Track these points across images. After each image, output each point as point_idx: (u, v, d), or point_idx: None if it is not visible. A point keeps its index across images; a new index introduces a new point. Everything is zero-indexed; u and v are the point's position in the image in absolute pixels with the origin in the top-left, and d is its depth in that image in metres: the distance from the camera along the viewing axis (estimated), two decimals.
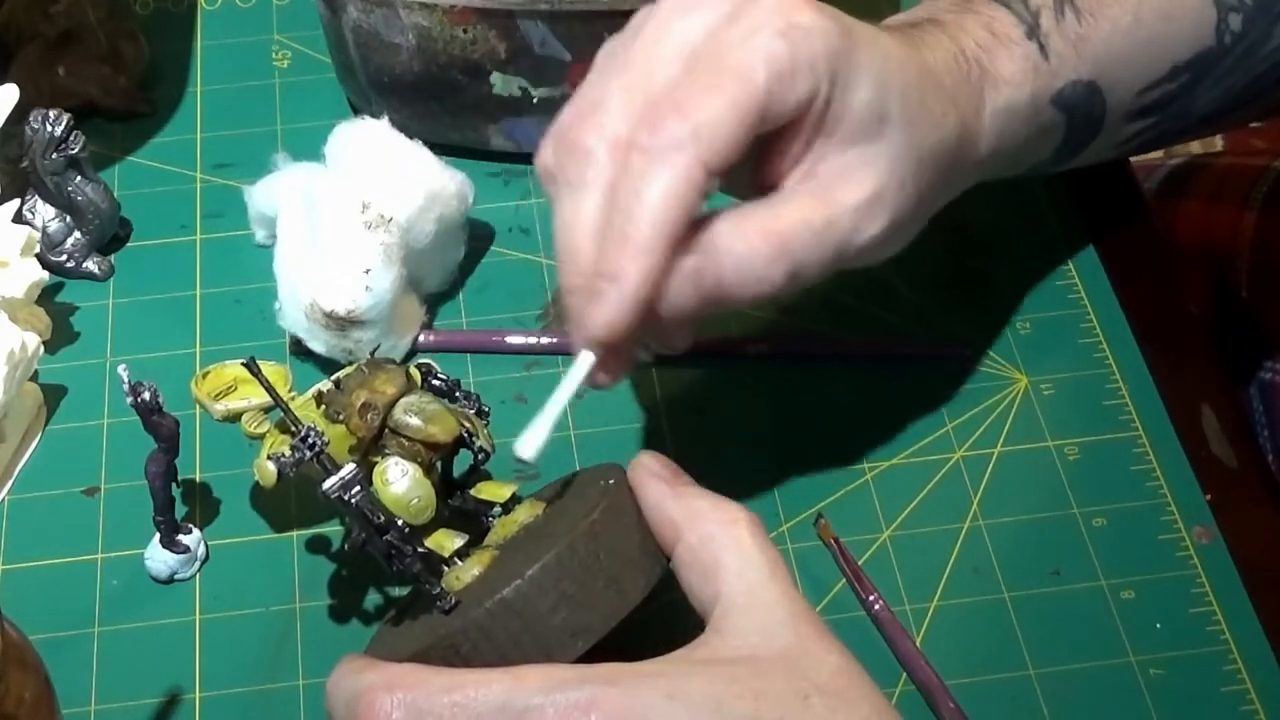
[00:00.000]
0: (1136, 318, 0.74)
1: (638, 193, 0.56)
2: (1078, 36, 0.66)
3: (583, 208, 0.57)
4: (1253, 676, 0.62)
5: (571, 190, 0.58)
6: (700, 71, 0.57)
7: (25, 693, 0.50)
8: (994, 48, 0.65)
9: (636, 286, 0.56)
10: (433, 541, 0.57)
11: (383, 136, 0.73)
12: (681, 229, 0.56)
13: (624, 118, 0.57)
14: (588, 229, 0.57)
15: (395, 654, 0.54)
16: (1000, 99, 0.65)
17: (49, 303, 0.75)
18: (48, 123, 0.73)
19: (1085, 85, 0.67)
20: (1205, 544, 0.66)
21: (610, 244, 0.56)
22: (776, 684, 0.50)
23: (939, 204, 0.65)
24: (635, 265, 0.55)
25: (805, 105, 0.58)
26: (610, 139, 0.57)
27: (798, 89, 0.57)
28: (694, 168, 0.55)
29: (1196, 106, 0.71)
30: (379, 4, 0.75)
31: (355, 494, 0.55)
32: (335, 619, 0.65)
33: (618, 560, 0.54)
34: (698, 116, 0.56)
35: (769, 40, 0.57)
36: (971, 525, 0.67)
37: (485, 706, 0.49)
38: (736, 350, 0.73)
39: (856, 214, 0.59)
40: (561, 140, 0.58)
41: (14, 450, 0.70)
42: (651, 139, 0.56)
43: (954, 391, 0.72)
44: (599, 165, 0.57)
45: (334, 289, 0.68)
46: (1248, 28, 0.70)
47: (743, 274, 0.57)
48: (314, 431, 0.56)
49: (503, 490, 0.60)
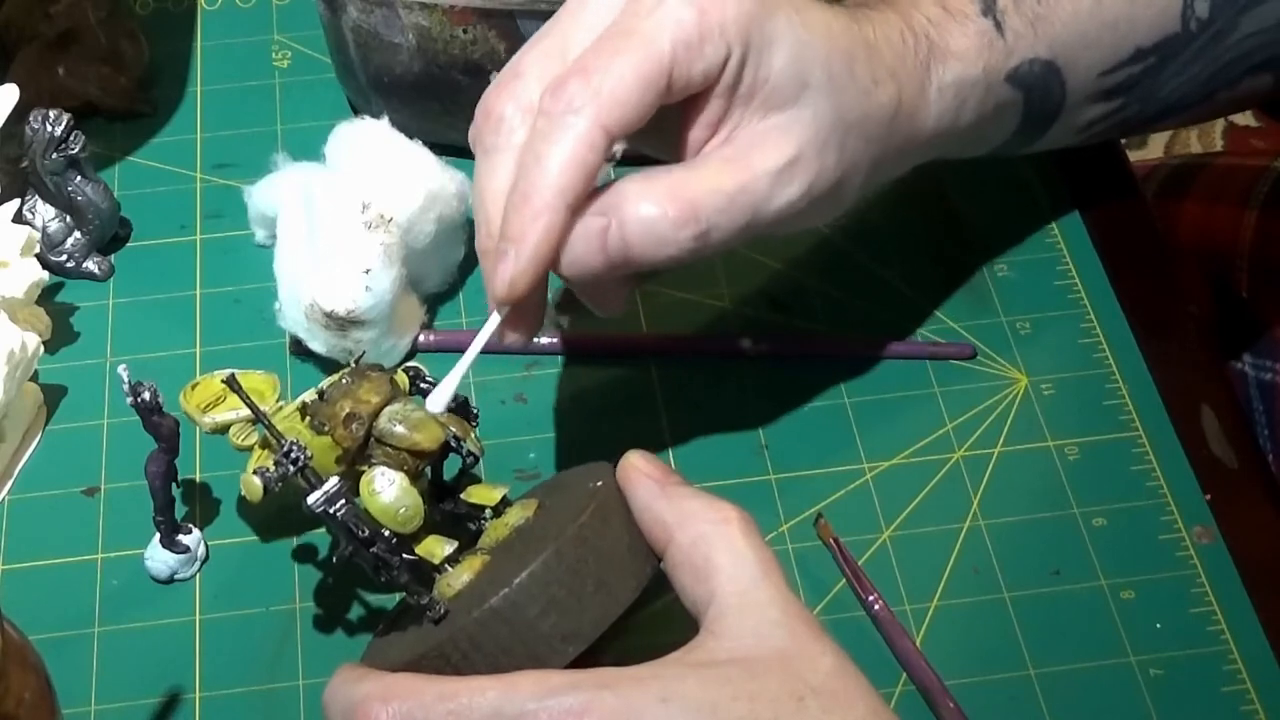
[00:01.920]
0: (1136, 318, 0.74)
1: (538, 155, 0.56)
2: (1036, 15, 0.67)
3: (495, 172, 0.58)
4: (1253, 676, 0.62)
5: (486, 155, 0.59)
6: (607, 37, 0.58)
7: (25, 693, 0.50)
8: (945, 23, 0.65)
9: (535, 246, 0.56)
10: (423, 549, 0.57)
11: (383, 136, 0.73)
12: (582, 190, 0.57)
13: (538, 85, 0.58)
14: (499, 194, 0.58)
15: (390, 662, 0.54)
16: (949, 74, 0.65)
17: (49, 303, 0.75)
18: (48, 123, 0.73)
19: (1043, 64, 0.67)
20: (1205, 544, 0.66)
21: (512, 207, 0.57)
22: (771, 686, 0.50)
23: (879, 177, 0.65)
24: (534, 226, 0.56)
25: (716, 72, 0.58)
26: (525, 105, 0.58)
27: (706, 55, 0.58)
28: (593, 130, 0.56)
29: (1161, 93, 0.71)
30: (379, 4, 0.75)
31: (339, 508, 0.55)
32: (335, 619, 0.65)
33: (606, 563, 0.54)
34: (599, 81, 0.56)
35: (677, 6, 0.57)
36: (971, 525, 0.67)
37: (479, 714, 0.49)
38: (736, 350, 0.73)
39: (770, 180, 0.59)
40: (481, 108, 0.59)
41: (14, 450, 0.70)
42: (553, 103, 0.56)
43: (954, 391, 0.72)
44: (511, 130, 0.58)
45: (334, 289, 0.68)
46: (1214, 15, 0.70)
47: (649, 236, 0.58)
48: (296, 446, 0.56)
49: (493, 494, 0.59)
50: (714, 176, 0.59)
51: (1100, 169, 0.79)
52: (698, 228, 0.58)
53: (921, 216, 0.78)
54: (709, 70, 0.58)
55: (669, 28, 0.57)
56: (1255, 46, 0.71)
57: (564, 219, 0.57)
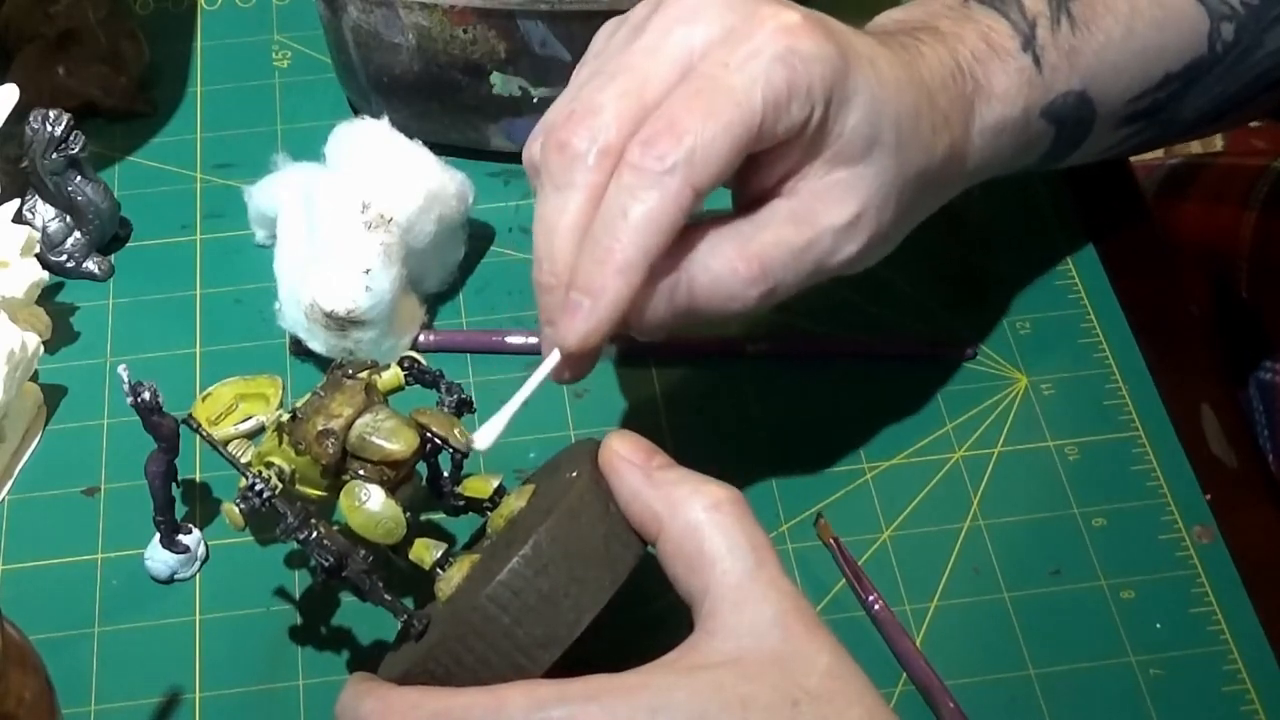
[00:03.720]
0: (1136, 318, 0.74)
1: (624, 210, 0.56)
2: (1071, 48, 0.66)
3: (566, 209, 0.57)
4: (1253, 676, 0.62)
5: (557, 190, 0.58)
6: (697, 90, 0.57)
7: (25, 693, 0.50)
8: (989, 60, 0.65)
9: (613, 303, 0.56)
10: (414, 554, 0.57)
11: (383, 136, 0.73)
12: (664, 250, 0.56)
13: (616, 124, 0.57)
14: (568, 231, 0.57)
15: (391, 674, 0.54)
16: (991, 115, 0.65)
17: (49, 303, 0.75)
18: (48, 123, 0.73)
19: (1076, 95, 0.67)
20: (1205, 544, 0.66)
21: (590, 257, 0.56)
22: (765, 690, 0.50)
23: (921, 217, 0.65)
24: (614, 283, 0.56)
25: (798, 129, 0.58)
26: (601, 145, 0.57)
27: (793, 115, 0.57)
28: (683, 191, 0.56)
29: (1185, 113, 0.71)
30: (379, 4, 0.75)
31: (304, 536, 0.55)
32: (335, 619, 0.65)
33: (580, 562, 0.53)
34: (692, 140, 0.56)
35: (768, 65, 0.57)
36: (971, 525, 0.67)
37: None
38: (736, 350, 0.73)
39: (836, 236, 0.60)
40: (552, 137, 0.58)
41: (14, 450, 0.70)
42: (644, 158, 0.56)
43: (954, 391, 0.72)
44: (586, 169, 0.57)
45: (334, 289, 0.68)
46: (1240, 35, 0.70)
47: (718, 292, 0.58)
48: (259, 479, 0.56)
49: (487, 485, 0.59)
50: (780, 232, 0.59)
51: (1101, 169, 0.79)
52: (766, 286, 0.58)
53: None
54: (792, 128, 0.58)
55: (760, 85, 0.56)
56: (1276, 64, 0.71)
57: (644, 278, 0.56)
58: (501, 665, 0.52)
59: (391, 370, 0.60)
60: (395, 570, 0.58)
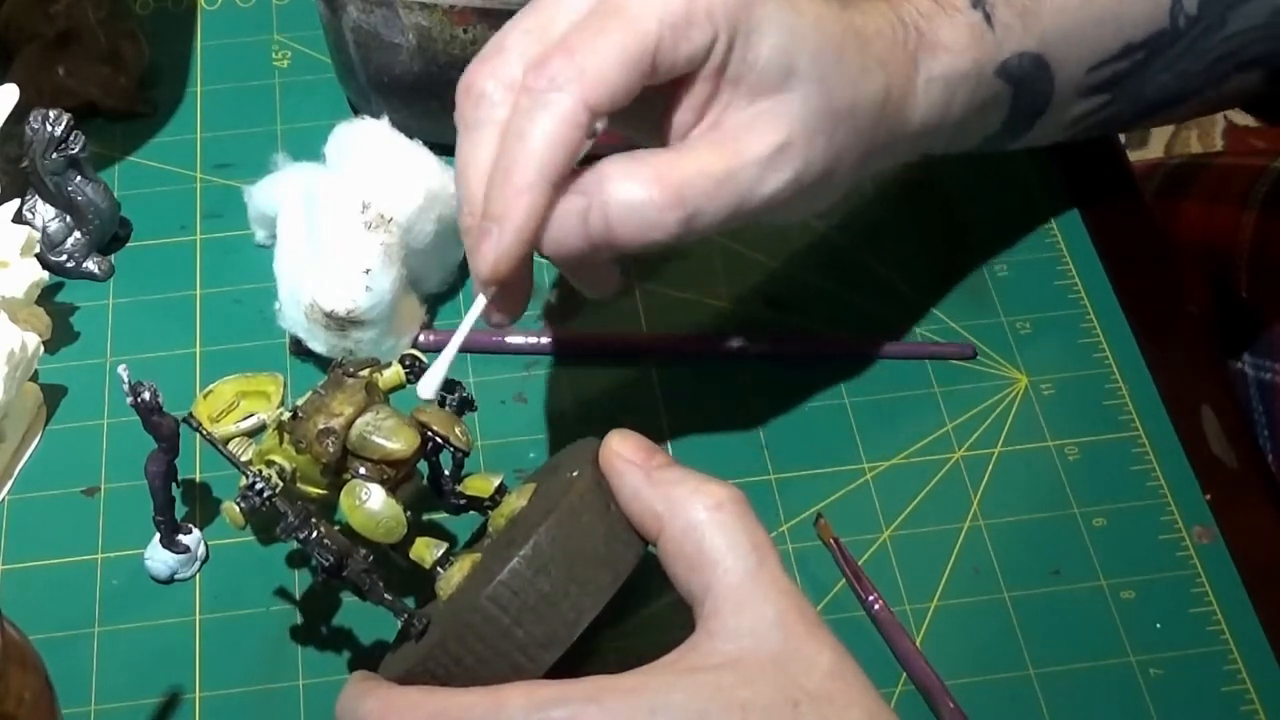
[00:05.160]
0: (1136, 318, 0.74)
1: (520, 132, 0.56)
2: (1024, 8, 0.67)
3: (477, 149, 0.58)
4: (1253, 676, 0.62)
5: (467, 131, 0.58)
6: (593, 16, 0.57)
7: (25, 693, 0.50)
8: (935, 15, 0.65)
9: (519, 226, 0.56)
10: (414, 553, 0.57)
11: (383, 136, 0.73)
12: (564, 168, 0.56)
13: (520, 61, 0.57)
14: (481, 170, 0.57)
15: (393, 673, 0.54)
16: (938, 66, 0.65)
17: (49, 303, 0.75)
18: (48, 123, 0.73)
19: (1032, 58, 0.67)
20: (1205, 544, 0.66)
21: (495, 184, 0.56)
22: (764, 692, 0.50)
23: (868, 170, 0.65)
24: (516, 204, 0.56)
25: (702, 55, 0.58)
26: (506, 81, 0.57)
27: (693, 38, 0.57)
28: (576, 107, 0.56)
29: (1148, 89, 0.71)
30: (379, 4, 0.75)
31: (304, 535, 0.55)
32: (335, 618, 0.65)
33: (581, 562, 0.53)
34: (582, 58, 0.56)
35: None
36: (971, 525, 0.67)
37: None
38: (736, 350, 0.73)
39: (759, 166, 0.59)
40: (462, 84, 0.59)
41: (14, 450, 0.70)
42: (536, 80, 0.56)
43: (954, 391, 0.72)
44: (492, 106, 0.58)
45: (334, 289, 0.68)
46: (1203, 11, 0.70)
47: (633, 218, 0.57)
48: (260, 478, 0.56)
49: (488, 484, 0.59)
50: (701, 160, 0.59)
51: (1100, 168, 0.79)
52: (683, 211, 0.58)
53: (922, 216, 0.78)
54: (695, 53, 0.58)
55: (656, 8, 0.57)
56: (1244, 44, 0.71)
57: (547, 196, 0.56)
58: (501, 665, 0.52)
59: (392, 369, 0.60)
60: (395, 570, 0.58)
